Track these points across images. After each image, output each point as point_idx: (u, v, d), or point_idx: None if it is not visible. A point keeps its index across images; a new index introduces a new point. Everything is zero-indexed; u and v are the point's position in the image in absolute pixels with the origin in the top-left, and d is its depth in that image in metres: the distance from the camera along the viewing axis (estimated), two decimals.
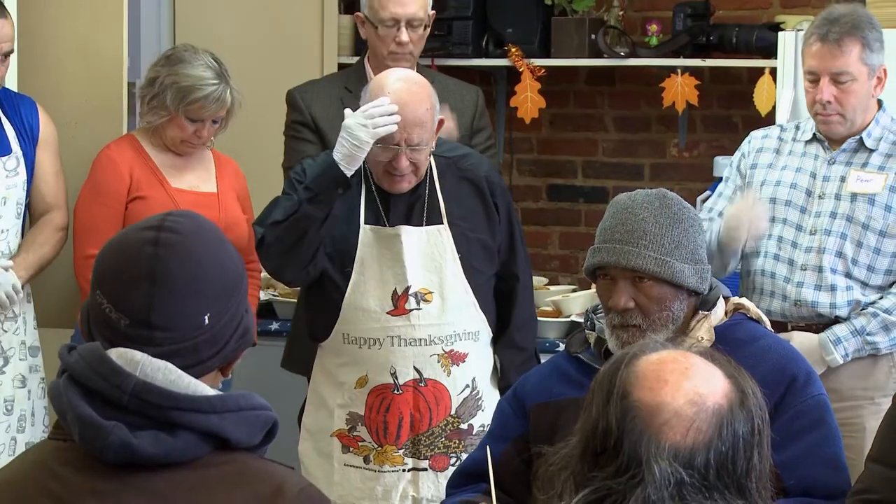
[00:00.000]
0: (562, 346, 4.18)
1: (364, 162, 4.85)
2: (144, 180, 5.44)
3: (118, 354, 2.66)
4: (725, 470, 2.40)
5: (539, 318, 6.21)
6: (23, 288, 5.25)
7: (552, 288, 6.62)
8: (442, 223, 4.95)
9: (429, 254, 4.91)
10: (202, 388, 2.69)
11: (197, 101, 5.37)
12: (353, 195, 4.88)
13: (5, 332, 5.20)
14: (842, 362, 4.88)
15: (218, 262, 2.79)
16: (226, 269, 2.79)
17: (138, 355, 2.66)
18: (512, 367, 4.98)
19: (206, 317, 2.72)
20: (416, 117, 4.75)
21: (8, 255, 5.23)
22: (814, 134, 5.11)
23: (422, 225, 4.92)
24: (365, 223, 4.89)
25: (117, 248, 2.81)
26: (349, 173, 4.71)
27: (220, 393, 2.73)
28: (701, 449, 2.39)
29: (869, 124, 5.04)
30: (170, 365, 2.67)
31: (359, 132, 4.65)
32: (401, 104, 4.72)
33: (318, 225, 4.73)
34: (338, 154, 4.71)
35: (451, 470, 4.74)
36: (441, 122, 4.90)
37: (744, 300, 4.09)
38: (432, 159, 4.93)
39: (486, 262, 5.00)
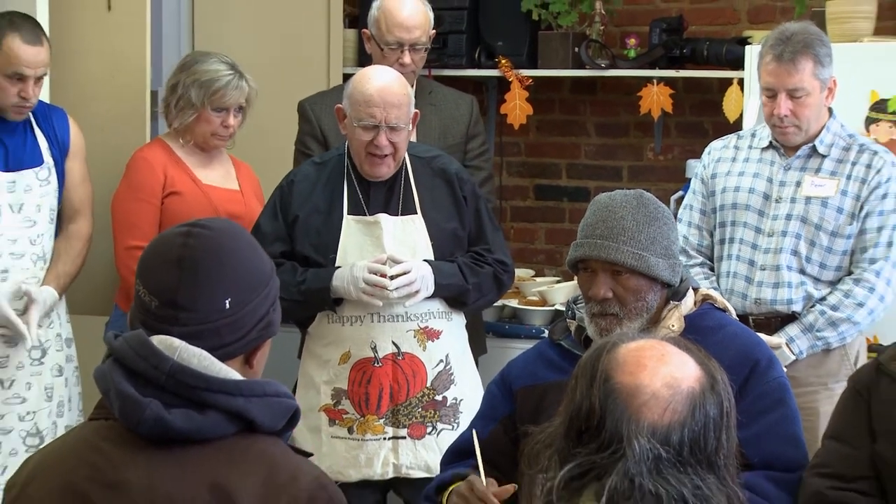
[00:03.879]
0: (546, 333, 4.18)
1: (346, 156, 4.94)
2: (178, 178, 5.44)
3: (159, 340, 2.71)
4: (698, 447, 2.41)
5: (525, 307, 6.25)
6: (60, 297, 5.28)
7: (538, 279, 6.63)
8: (416, 213, 4.96)
9: (404, 240, 4.92)
10: (232, 373, 2.73)
11: (219, 91, 5.39)
12: (334, 190, 4.93)
13: (41, 326, 5.19)
14: (795, 358, 4.90)
15: (244, 258, 2.83)
16: (252, 266, 2.83)
17: (176, 342, 2.71)
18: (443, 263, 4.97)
19: (228, 302, 2.75)
20: (395, 99, 4.80)
21: (42, 256, 5.23)
22: (770, 141, 5.11)
23: (398, 214, 4.94)
24: (347, 214, 4.91)
25: (155, 243, 2.88)
26: (334, 305, 4.88)
27: (249, 379, 2.78)
28: (676, 427, 2.40)
29: (821, 132, 5.04)
30: (204, 352, 2.71)
31: (350, 287, 4.79)
32: (382, 88, 4.79)
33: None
34: (335, 281, 4.81)
35: (429, 438, 4.85)
36: (416, 115, 4.94)
37: (711, 291, 4.10)
38: (408, 158, 4.97)
39: (456, 249, 5.01)
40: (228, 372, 2.73)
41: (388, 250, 4.85)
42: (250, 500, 2.65)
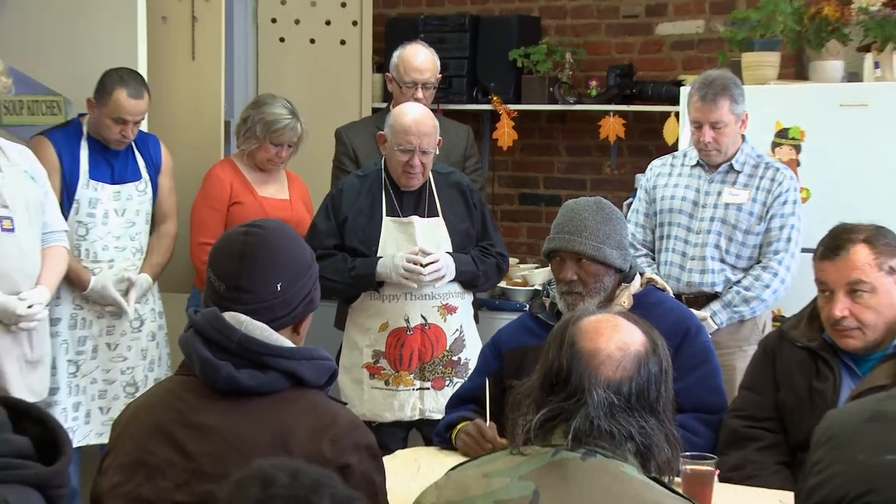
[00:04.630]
0: (528, 308, 4.18)
1: (383, 170, 4.92)
2: (240, 190, 5.43)
3: (230, 316, 2.74)
4: (642, 396, 2.41)
5: (511, 287, 6.25)
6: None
7: (521, 266, 6.61)
8: (438, 216, 4.96)
9: (430, 237, 4.91)
10: (285, 341, 2.77)
11: (278, 130, 5.37)
12: (374, 196, 4.92)
13: (138, 303, 5.22)
14: (717, 327, 4.90)
15: (291, 251, 2.85)
16: (297, 256, 2.86)
17: (242, 317, 2.74)
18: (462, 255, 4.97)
19: (279, 285, 2.78)
20: (427, 129, 4.81)
21: (140, 249, 5.25)
22: (697, 161, 5.11)
23: (425, 217, 4.94)
24: (386, 216, 4.90)
25: (222, 240, 2.91)
26: (377, 287, 4.87)
27: (298, 346, 2.81)
28: (626, 381, 2.40)
29: (736, 153, 5.04)
30: (264, 325, 2.75)
31: (392, 273, 4.79)
32: (417, 121, 4.80)
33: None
34: (380, 268, 4.81)
35: (447, 389, 4.82)
36: (440, 141, 4.92)
37: (654, 275, 4.12)
38: (431, 175, 4.95)
39: (468, 244, 5.00)
40: (282, 340, 2.76)
41: (419, 244, 4.85)
42: (301, 438, 2.67)
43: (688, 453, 3.14)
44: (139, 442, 2.75)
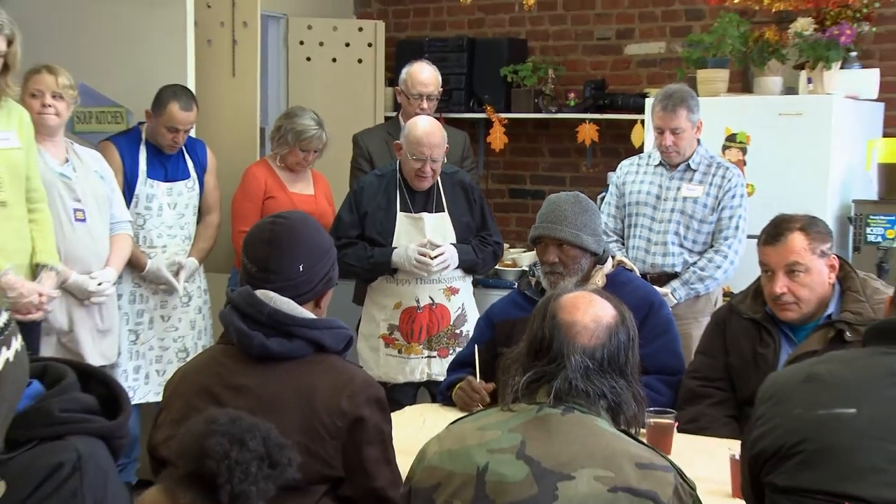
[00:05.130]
0: (516, 286, 4.17)
1: (399, 172, 4.88)
2: (274, 186, 5.40)
3: (261, 293, 2.73)
4: (613, 361, 2.40)
5: (503, 268, 6.22)
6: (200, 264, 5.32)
7: (511, 250, 6.59)
8: (444, 211, 4.93)
9: (437, 230, 4.88)
10: (308, 313, 2.76)
11: (306, 139, 5.34)
12: (390, 194, 4.88)
13: (187, 282, 5.22)
14: (676, 302, 4.88)
15: (311, 237, 2.84)
16: (317, 242, 2.84)
17: (272, 294, 2.73)
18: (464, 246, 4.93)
19: (301, 266, 2.78)
20: (436, 140, 4.77)
21: (188, 237, 5.25)
22: (660, 161, 5.08)
23: (432, 212, 4.90)
24: (400, 211, 4.87)
25: (253, 229, 2.89)
26: (392, 272, 4.83)
27: (319, 317, 2.81)
28: (599, 348, 2.38)
29: (693, 155, 5.01)
30: (290, 300, 2.74)
31: (405, 262, 4.76)
32: (428, 133, 4.76)
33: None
34: (395, 258, 4.78)
35: (451, 356, 4.77)
36: (447, 148, 4.89)
37: (623, 258, 4.10)
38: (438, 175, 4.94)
39: (469, 235, 4.96)
40: (306, 312, 2.76)
41: (428, 236, 4.82)
42: (323, 395, 2.67)
43: (651, 409, 3.14)
44: (187, 401, 2.75)
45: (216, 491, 1.75)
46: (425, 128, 4.79)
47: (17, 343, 2.16)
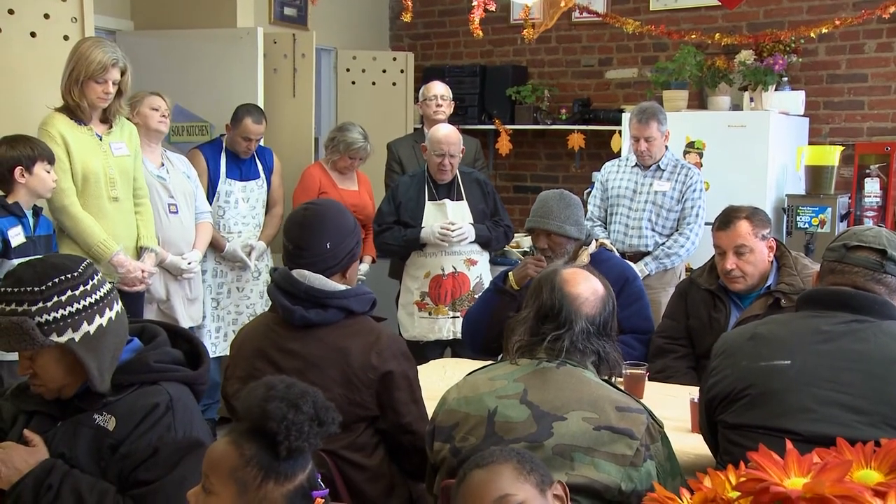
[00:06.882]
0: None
1: (426, 172, 4.83)
2: (326, 184, 5.36)
3: (297, 273, 2.68)
4: (604, 325, 2.39)
5: (509, 249, 6.17)
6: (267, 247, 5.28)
7: (515, 235, 6.55)
8: (463, 200, 4.87)
9: (457, 213, 4.82)
10: (338, 285, 2.69)
11: (354, 149, 5.31)
12: (419, 189, 4.83)
13: (258, 260, 5.19)
14: (648, 274, 4.84)
15: (336, 219, 2.76)
16: (341, 223, 2.76)
17: (307, 273, 2.67)
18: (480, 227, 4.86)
19: (328, 244, 2.71)
20: (454, 140, 4.74)
21: (258, 225, 5.21)
22: (636, 163, 5.03)
23: (453, 200, 4.85)
24: (428, 200, 4.82)
25: (292, 213, 2.82)
26: (422, 247, 4.76)
27: (346, 286, 2.72)
28: (597, 315, 2.38)
29: (662, 157, 4.96)
30: (322, 276, 2.68)
31: (431, 237, 4.70)
32: (447, 136, 4.73)
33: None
34: (423, 234, 4.72)
35: None
36: (463, 149, 4.86)
37: (605, 240, 4.05)
38: (458, 174, 4.88)
39: (484, 219, 4.90)
40: (335, 285, 2.68)
41: (450, 218, 4.77)
42: (356, 353, 2.63)
43: (627, 362, 3.11)
44: (248, 361, 2.72)
45: (276, 446, 1.73)
46: (445, 131, 4.78)
47: (118, 306, 2.23)
